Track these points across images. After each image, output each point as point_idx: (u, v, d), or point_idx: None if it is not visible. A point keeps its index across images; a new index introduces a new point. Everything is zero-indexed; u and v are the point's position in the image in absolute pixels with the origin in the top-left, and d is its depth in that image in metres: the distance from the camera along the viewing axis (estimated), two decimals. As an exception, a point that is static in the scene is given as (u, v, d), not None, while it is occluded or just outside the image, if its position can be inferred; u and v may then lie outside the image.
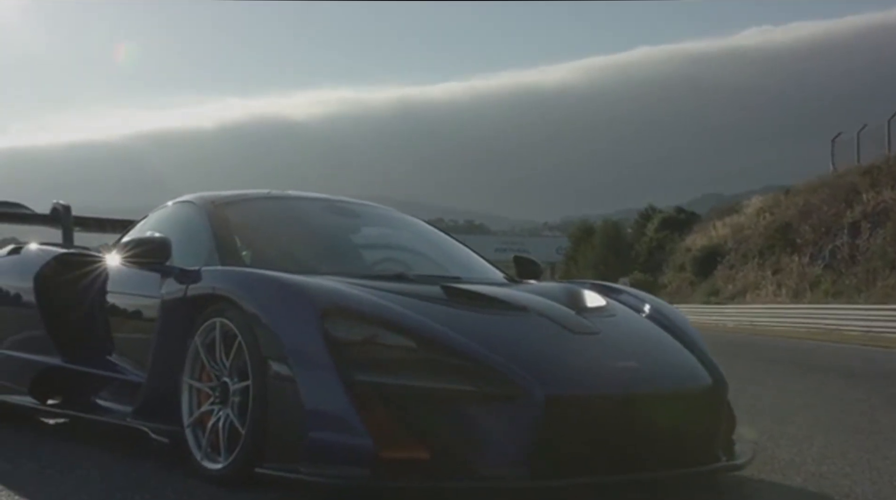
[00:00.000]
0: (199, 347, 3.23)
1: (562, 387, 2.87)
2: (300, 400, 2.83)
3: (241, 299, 3.09)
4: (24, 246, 4.65)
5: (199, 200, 4.12)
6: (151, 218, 4.42)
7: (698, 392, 3.23)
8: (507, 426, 2.76)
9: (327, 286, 3.13)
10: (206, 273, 3.38)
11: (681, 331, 3.53)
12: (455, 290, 3.42)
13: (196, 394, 3.24)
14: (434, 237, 4.62)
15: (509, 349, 2.96)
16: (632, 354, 3.20)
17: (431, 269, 4.17)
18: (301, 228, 4.23)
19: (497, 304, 3.31)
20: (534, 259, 4.61)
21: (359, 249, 4.33)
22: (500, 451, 2.76)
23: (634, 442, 2.92)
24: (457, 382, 2.82)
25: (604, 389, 2.96)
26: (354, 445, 2.74)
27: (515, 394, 2.79)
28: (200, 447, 3.14)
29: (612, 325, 3.38)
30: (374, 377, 2.82)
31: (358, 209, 4.59)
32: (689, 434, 3.11)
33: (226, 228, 3.85)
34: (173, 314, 3.41)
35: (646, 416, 2.97)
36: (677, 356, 3.34)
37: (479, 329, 3.07)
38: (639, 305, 3.74)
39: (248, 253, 4.05)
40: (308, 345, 2.87)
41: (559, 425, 2.79)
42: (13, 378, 4.31)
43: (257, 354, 2.95)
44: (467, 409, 2.79)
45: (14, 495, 2.94)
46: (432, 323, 2.99)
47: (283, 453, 2.87)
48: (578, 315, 3.33)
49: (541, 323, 3.20)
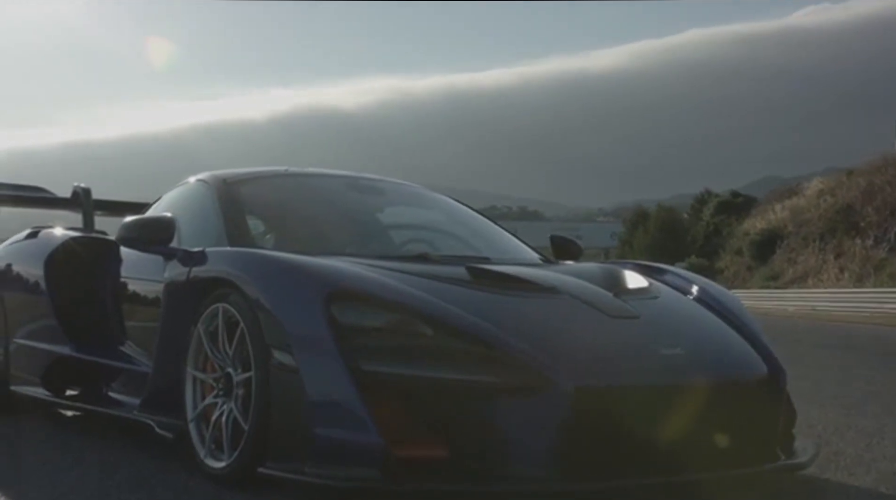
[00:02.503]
0: (202, 335, 2.98)
1: (594, 377, 2.55)
2: (304, 393, 2.55)
3: (244, 283, 2.82)
4: (41, 230, 4.48)
5: (212, 179, 3.86)
6: (165, 198, 4.19)
7: (752, 382, 2.87)
8: (532, 422, 2.45)
9: (335, 267, 2.85)
10: (209, 255, 3.12)
11: (733, 315, 3.17)
12: (480, 271, 3.12)
13: (200, 386, 3.00)
14: (464, 216, 4.30)
15: (536, 335, 2.64)
16: (676, 339, 2.85)
17: (460, 250, 3.87)
18: (318, 207, 3.94)
19: (525, 285, 3.00)
20: (572, 238, 4.27)
21: (382, 229, 4.03)
22: (524, 450, 2.45)
23: (679, 439, 2.58)
24: (477, 372, 2.51)
25: (643, 379, 2.63)
26: (363, 442, 2.45)
27: (541, 385, 2.47)
28: (204, 444, 2.90)
29: (655, 308, 3.04)
30: (384, 367, 2.52)
31: (382, 186, 4.30)
32: (743, 430, 2.75)
33: (236, 208, 3.59)
34: (176, 300, 3.17)
35: (692, 409, 2.62)
36: (728, 342, 2.99)
37: (504, 313, 2.76)
38: (685, 286, 3.38)
39: (271, 236, 3.81)
40: (312, 331, 2.59)
41: (591, 420, 2.47)
42: (27, 368, 4.13)
43: (260, 342, 2.69)
44: (488, 402, 2.48)
45: (6, 491, 2.73)
46: (452, 307, 2.68)
47: (287, 451, 2.60)
48: (616, 297, 2.99)
49: (572, 306, 2.87)
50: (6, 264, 4.43)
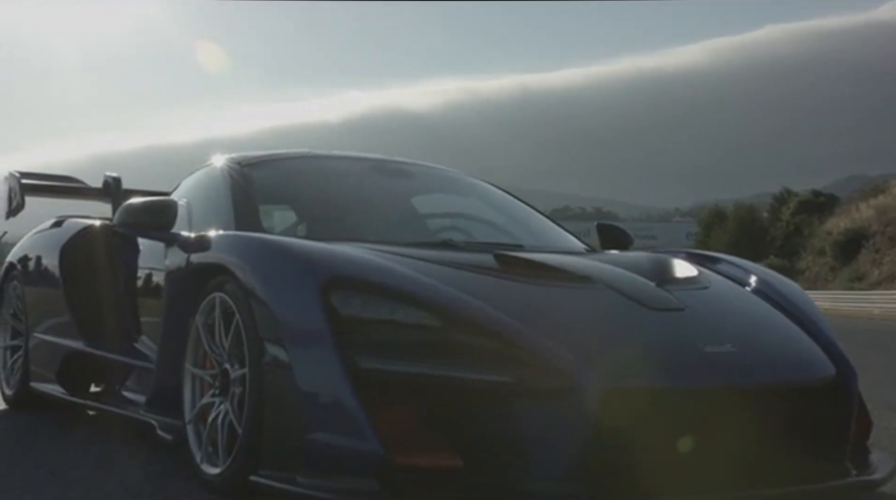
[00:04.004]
0: (200, 328, 2.73)
1: (624, 377, 2.19)
2: (297, 392, 2.27)
3: (239, 270, 2.56)
4: (66, 219, 4.31)
5: (227, 161, 3.61)
6: (184, 182, 3.95)
7: (818, 385, 2.47)
8: (553, 429, 2.12)
9: (335, 252, 2.55)
10: (207, 240, 2.87)
11: (796, 309, 2.77)
12: (509, 258, 2.80)
13: (199, 384, 2.75)
14: (502, 202, 3.97)
15: (561, 329, 2.31)
16: (727, 335, 2.46)
17: (495, 237, 3.55)
18: (338, 191, 3.63)
19: (555, 274, 2.67)
20: (620, 226, 3.90)
21: (408, 214, 3.71)
22: (544, 461, 2.12)
23: (727, 452, 2.21)
24: (492, 371, 2.19)
25: (684, 380, 2.26)
26: (360, 450, 2.15)
27: (565, 386, 2.13)
28: (201, 447, 2.64)
29: (704, 299, 2.67)
30: (386, 364, 2.22)
31: (412, 170, 3.98)
32: (806, 440, 2.37)
33: (246, 192, 3.33)
34: (176, 289, 2.94)
35: (743, 416, 2.25)
36: (789, 339, 2.60)
37: (527, 305, 2.44)
38: (742, 276, 2.99)
39: (303, 225, 3.55)
40: (307, 323, 2.31)
41: (621, 427, 2.12)
42: (44, 364, 3.97)
43: (255, 335, 2.42)
44: (504, 405, 2.16)
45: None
46: (466, 297, 2.35)
47: (280, 458, 2.32)
48: (659, 288, 2.63)
49: (607, 297, 2.52)
50: (26, 256, 4.28)
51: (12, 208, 4.54)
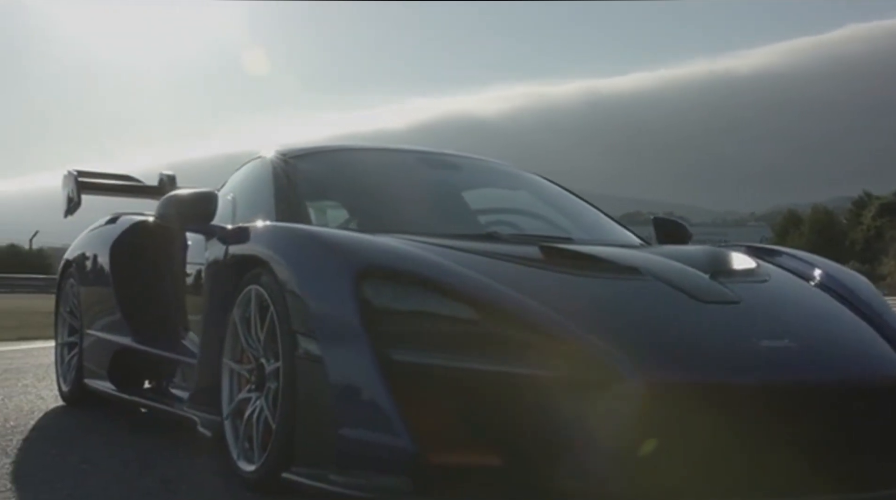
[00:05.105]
0: (238, 321, 2.68)
1: (671, 371, 2.06)
2: (329, 386, 2.20)
3: (274, 261, 2.50)
4: (120, 216, 4.34)
5: (273, 154, 3.57)
6: (232, 177, 3.92)
7: (883, 383, 2.29)
8: (595, 425, 2.00)
9: (368, 242, 2.47)
10: (246, 232, 2.82)
11: (865, 304, 2.60)
12: (554, 250, 2.68)
13: (236, 379, 2.70)
14: (554, 196, 3.84)
15: (604, 321, 2.19)
16: (785, 329, 2.30)
17: (544, 230, 3.43)
18: (384, 184, 3.55)
19: (601, 265, 2.55)
20: (679, 221, 3.74)
21: (458, 208, 3.60)
22: (587, 458, 2.00)
23: (781, 454, 2.05)
24: (529, 364, 2.08)
25: (736, 375, 2.11)
26: (392, 446, 2.07)
27: (606, 380, 2.01)
28: (238, 443, 2.60)
29: (761, 292, 2.51)
30: (420, 357, 2.13)
31: (459, 162, 3.89)
32: (871, 443, 2.20)
33: (289, 184, 3.28)
34: (215, 282, 2.90)
35: (802, 414, 2.09)
36: (856, 336, 2.42)
37: (570, 296, 2.33)
38: (805, 270, 2.82)
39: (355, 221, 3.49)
40: (339, 314, 2.23)
41: (666, 423, 1.99)
42: (96, 361, 3.99)
43: (288, 328, 2.36)
44: (541, 400, 2.04)
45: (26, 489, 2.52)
46: (503, 288, 2.25)
47: (313, 454, 2.25)
48: (713, 280, 2.48)
49: (654, 289, 2.39)
50: (81, 254, 4.31)
51: (70, 207, 4.59)
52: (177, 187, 4.82)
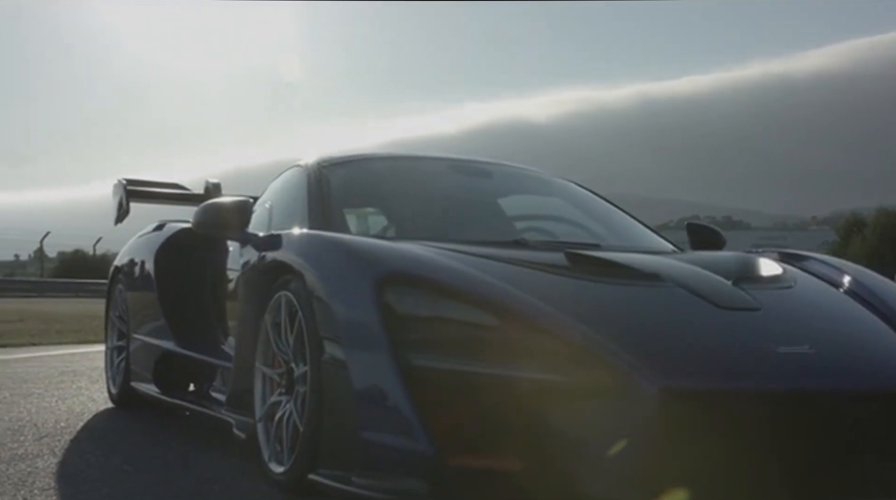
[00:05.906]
0: (269, 326, 2.76)
1: (686, 377, 2.06)
2: (352, 390, 2.26)
3: (302, 268, 2.57)
4: (167, 223, 4.47)
5: (310, 162, 3.64)
6: (270, 185, 4.00)
7: None
8: (610, 431, 2.02)
9: (392, 248, 2.53)
10: (278, 239, 2.90)
11: (893, 311, 2.55)
12: (578, 257, 2.70)
13: (268, 382, 2.78)
14: (587, 201, 3.86)
15: (621, 327, 2.21)
16: (805, 336, 2.29)
17: (574, 236, 3.45)
18: (420, 192, 3.60)
19: (622, 272, 2.56)
20: (713, 227, 3.72)
21: (493, 215, 3.63)
22: (602, 464, 2.02)
23: (798, 460, 2.05)
24: (547, 370, 2.11)
25: (752, 381, 2.11)
26: (411, 449, 2.12)
27: (622, 386, 2.03)
28: (269, 445, 2.67)
29: (784, 298, 2.51)
30: (440, 362, 2.17)
31: (493, 170, 3.92)
32: (887, 451, 2.17)
33: (322, 191, 3.34)
34: (249, 288, 2.98)
35: (822, 423, 2.08)
36: (878, 342, 2.40)
37: (589, 302, 2.35)
38: (834, 276, 2.80)
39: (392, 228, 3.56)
40: (362, 320, 2.29)
41: (681, 430, 2.00)
42: (142, 364, 4.12)
43: (315, 333, 2.42)
44: (560, 406, 2.07)
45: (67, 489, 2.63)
46: (523, 295, 2.28)
47: (338, 456, 2.31)
48: (735, 286, 2.48)
49: (673, 295, 2.40)
50: (129, 260, 4.45)
51: (119, 214, 4.75)
52: (221, 195, 4.94)
